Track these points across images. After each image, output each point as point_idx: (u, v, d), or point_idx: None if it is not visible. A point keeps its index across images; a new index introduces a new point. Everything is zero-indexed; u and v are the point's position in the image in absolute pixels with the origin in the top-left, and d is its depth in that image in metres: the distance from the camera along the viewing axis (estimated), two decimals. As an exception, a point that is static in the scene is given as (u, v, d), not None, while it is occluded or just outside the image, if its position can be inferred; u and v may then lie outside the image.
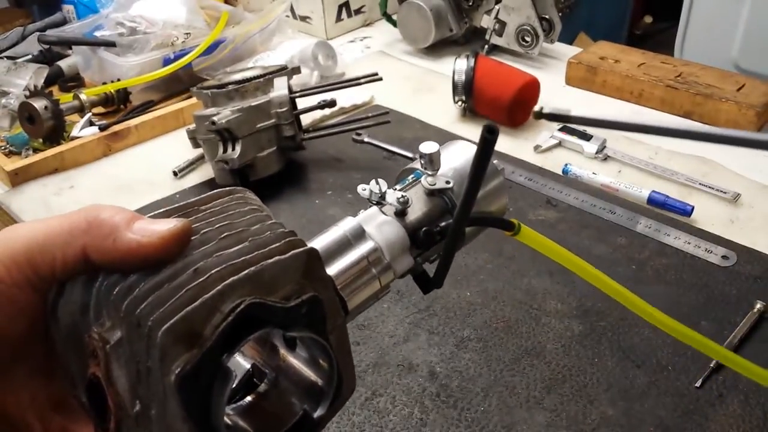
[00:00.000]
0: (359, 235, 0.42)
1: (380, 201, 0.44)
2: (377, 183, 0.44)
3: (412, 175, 0.47)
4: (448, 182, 0.46)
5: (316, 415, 0.36)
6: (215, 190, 0.37)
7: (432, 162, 0.45)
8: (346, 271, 0.40)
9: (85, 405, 0.33)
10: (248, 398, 0.39)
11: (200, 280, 0.31)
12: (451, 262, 0.44)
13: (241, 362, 0.39)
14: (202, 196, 0.37)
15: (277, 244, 0.34)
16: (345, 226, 0.42)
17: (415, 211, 0.45)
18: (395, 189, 0.45)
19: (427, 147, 0.45)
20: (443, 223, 0.44)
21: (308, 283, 0.35)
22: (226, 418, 0.35)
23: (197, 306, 0.30)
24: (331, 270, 0.39)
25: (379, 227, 0.43)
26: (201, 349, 0.30)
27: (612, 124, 0.42)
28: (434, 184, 0.45)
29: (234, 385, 0.37)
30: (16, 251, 0.33)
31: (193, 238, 0.33)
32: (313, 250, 0.35)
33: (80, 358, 0.33)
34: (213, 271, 0.31)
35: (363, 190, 0.45)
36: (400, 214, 0.44)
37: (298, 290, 0.34)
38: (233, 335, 0.31)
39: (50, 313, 0.34)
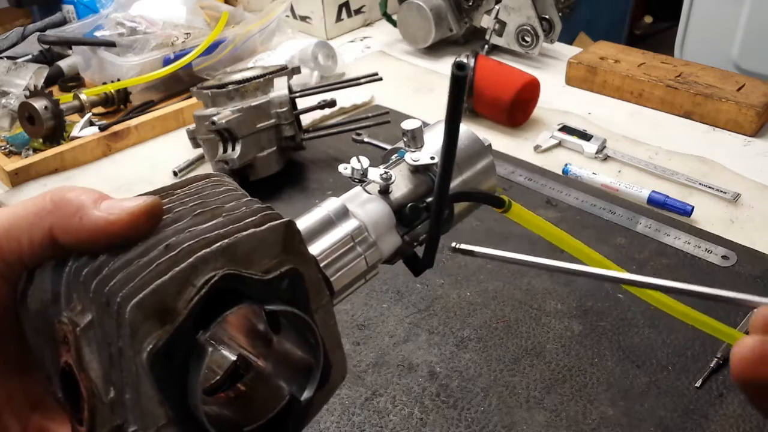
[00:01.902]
0: (342, 213, 0.41)
1: (363, 179, 0.43)
2: (359, 161, 0.43)
3: (395, 155, 0.46)
4: (432, 158, 0.44)
5: (303, 397, 0.35)
6: (191, 176, 0.36)
7: (415, 138, 0.44)
8: (330, 249, 0.39)
9: (60, 399, 0.32)
10: (233, 389, 0.37)
11: (172, 254, 0.29)
12: (439, 239, 0.43)
13: (227, 355, 0.38)
14: (177, 181, 0.36)
15: (253, 218, 0.32)
16: (328, 206, 0.41)
17: (400, 188, 0.44)
18: (379, 167, 0.45)
19: (410, 124, 0.44)
20: (429, 199, 0.43)
21: (288, 259, 0.33)
22: (207, 408, 0.34)
23: (167, 279, 0.29)
24: (314, 249, 0.38)
25: (362, 205, 0.42)
26: (173, 325, 0.28)
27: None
28: (418, 160, 0.44)
29: (219, 377, 0.37)
30: None
31: (165, 217, 0.32)
32: (291, 223, 0.34)
33: (53, 349, 0.31)
34: (185, 245, 0.29)
35: (344, 168, 0.44)
36: (384, 191, 0.43)
37: (276, 265, 0.32)
38: (209, 311, 0.29)
39: (20, 303, 0.33)
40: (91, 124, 1.10)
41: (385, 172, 0.43)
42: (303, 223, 0.40)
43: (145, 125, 1.13)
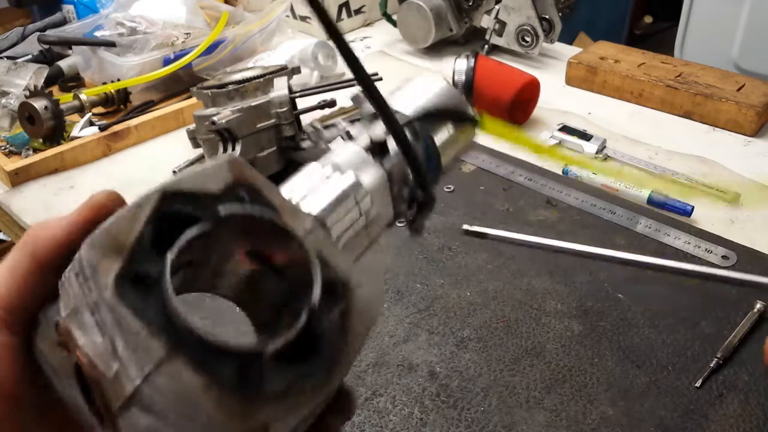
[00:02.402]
0: (336, 167, 0.41)
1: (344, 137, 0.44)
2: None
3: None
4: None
5: (311, 303, 0.31)
6: None
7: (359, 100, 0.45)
8: (311, 188, 0.39)
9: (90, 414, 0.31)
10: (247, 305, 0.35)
11: (124, 209, 0.30)
12: (420, 164, 0.41)
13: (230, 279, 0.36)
14: None
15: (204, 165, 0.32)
16: (323, 161, 0.41)
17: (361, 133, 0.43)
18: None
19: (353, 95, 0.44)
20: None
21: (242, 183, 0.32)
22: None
23: (115, 219, 0.29)
24: (309, 204, 0.38)
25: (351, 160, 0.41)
26: (127, 250, 0.28)
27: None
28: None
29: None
30: None
31: None
32: (235, 158, 0.33)
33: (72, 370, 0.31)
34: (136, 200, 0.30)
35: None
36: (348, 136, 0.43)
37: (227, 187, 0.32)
38: (166, 237, 0.29)
39: (35, 350, 0.33)
40: (91, 124, 1.10)
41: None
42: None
43: (145, 125, 1.13)
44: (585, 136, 1.05)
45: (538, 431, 0.64)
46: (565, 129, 1.07)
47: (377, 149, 0.42)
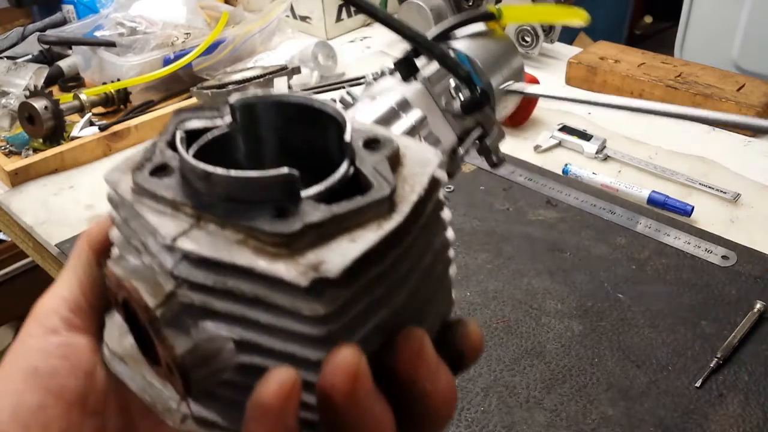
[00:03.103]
0: (404, 104, 0.40)
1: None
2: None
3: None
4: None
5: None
6: None
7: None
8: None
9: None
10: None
11: None
12: (449, 59, 0.42)
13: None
14: None
15: None
16: (390, 97, 0.40)
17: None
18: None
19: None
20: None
21: None
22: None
23: (139, 151, 0.29)
24: None
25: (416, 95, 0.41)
26: (143, 155, 0.29)
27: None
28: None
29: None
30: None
31: None
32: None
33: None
34: None
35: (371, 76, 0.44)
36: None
37: None
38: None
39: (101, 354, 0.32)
40: (91, 124, 1.10)
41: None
42: (369, 114, 0.38)
43: (145, 125, 1.13)
44: (585, 136, 1.05)
45: (538, 431, 0.64)
46: (565, 129, 1.07)
47: (406, 73, 0.42)
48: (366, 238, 0.25)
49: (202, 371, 0.26)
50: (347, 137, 0.28)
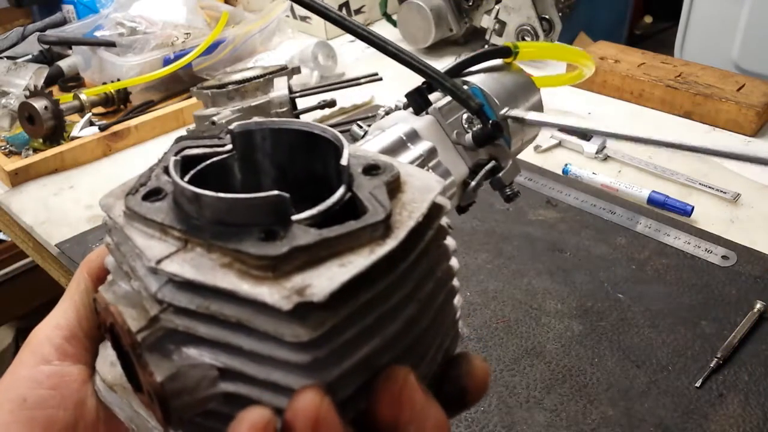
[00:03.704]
0: (413, 135, 0.40)
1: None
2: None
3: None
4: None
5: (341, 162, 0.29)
6: None
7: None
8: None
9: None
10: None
11: None
12: (460, 91, 0.42)
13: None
14: None
15: None
16: (398, 128, 0.40)
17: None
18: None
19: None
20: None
21: None
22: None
23: (139, 175, 0.29)
24: None
25: (425, 127, 0.42)
26: (137, 182, 0.29)
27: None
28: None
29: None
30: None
31: None
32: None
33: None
34: None
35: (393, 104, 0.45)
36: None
37: None
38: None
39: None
40: (91, 124, 1.10)
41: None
42: (376, 145, 0.38)
43: (145, 125, 1.13)
44: (585, 136, 1.05)
45: (538, 431, 0.64)
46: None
47: (417, 105, 0.42)
48: (356, 263, 0.24)
49: (183, 399, 0.25)
50: (344, 161, 0.28)
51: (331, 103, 0.98)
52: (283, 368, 0.24)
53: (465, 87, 0.44)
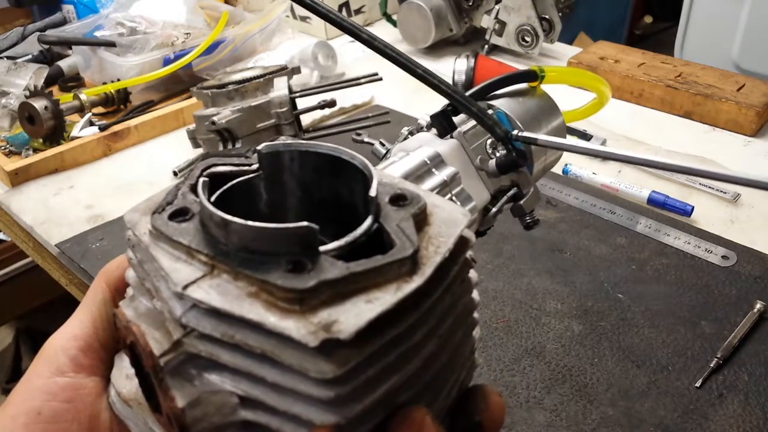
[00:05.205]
0: (438, 160, 0.40)
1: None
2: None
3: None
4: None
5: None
6: None
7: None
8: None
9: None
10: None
11: None
12: (485, 116, 0.42)
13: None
14: None
15: None
16: (422, 152, 0.40)
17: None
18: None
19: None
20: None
21: None
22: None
23: (162, 191, 0.29)
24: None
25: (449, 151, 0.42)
26: (164, 198, 0.29)
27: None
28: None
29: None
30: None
31: None
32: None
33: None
34: None
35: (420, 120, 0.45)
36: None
37: None
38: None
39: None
40: (91, 124, 1.10)
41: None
42: (400, 168, 0.38)
43: (145, 125, 1.13)
44: (585, 136, 1.05)
45: (538, 431, 0.64)
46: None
47: (442, 128, 0.42)
48: (383, 300, 0.24)
49: (203, 425, 0.25)
50: (372, 192, 0.28)
51: (331, 103, 0.98)
52: (305, 402, 0.24)
53: (490, 111, 0.44)
